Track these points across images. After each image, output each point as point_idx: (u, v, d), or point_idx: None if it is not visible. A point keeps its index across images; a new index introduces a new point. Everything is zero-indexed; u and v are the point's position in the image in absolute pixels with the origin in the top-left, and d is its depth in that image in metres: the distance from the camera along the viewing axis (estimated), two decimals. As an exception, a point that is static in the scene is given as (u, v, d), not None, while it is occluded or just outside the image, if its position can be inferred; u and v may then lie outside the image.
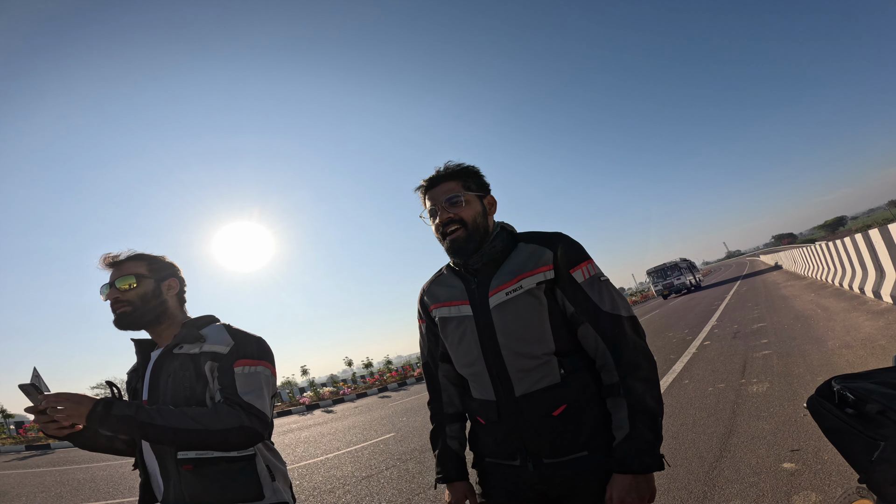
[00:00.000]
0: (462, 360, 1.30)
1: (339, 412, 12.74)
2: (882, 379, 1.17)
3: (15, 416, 17.08)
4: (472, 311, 1.25)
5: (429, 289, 1.41)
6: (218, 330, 1.32)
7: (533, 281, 1.19)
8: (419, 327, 1.47)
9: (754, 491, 2.57)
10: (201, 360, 1.26)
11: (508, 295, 1.20)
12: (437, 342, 1.40)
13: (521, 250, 1.25)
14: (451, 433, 1.39)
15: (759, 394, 4.38)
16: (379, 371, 20.79)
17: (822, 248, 13.24)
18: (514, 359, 1.19)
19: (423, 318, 1.44)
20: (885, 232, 7.06)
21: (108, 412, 1.12)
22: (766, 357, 5.85)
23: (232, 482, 1.23)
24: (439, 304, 1.34)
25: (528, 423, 1.18)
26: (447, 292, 1.32)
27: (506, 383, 1.20)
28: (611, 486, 1.11)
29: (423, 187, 1.32)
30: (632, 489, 1.08)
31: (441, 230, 1.27)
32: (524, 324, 1.19)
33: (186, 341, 1.29)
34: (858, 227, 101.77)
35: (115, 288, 1.32)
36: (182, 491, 1.21)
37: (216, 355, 1.26)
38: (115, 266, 1.36)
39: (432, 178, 1.30)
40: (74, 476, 7.84)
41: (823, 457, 2.74)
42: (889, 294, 6.95)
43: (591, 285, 1.20)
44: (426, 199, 1.32)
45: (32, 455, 11.73)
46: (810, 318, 7.74)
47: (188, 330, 1.31)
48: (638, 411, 1.11)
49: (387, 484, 4.41)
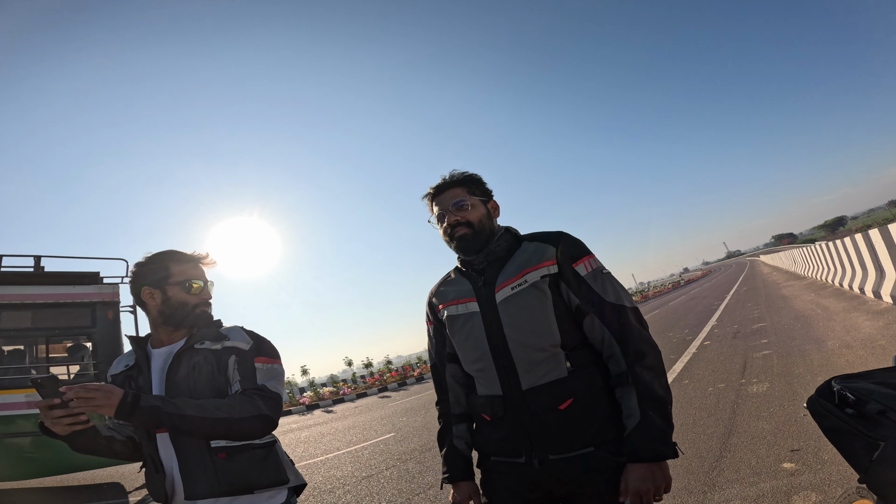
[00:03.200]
0: (469, 357, 1.32)
1: (339, 412, 12.73)
2: (882, 379, 1.17)
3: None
4: (479, 307, 1.29)
5: (437, 290, 1.46)
6: (237, 330, 1.42)
7: (537, 275, 1.23)
8: (427, 330, 1.50)
9: (754, 491, 2.57)
10: (224, 355, 1.35)
11: (514, 290, 1.24)
12: (444, 343, 1.43)
13: (525, 248, 1.30)
14: (457, 433, 1.40)
15: (759, 394, 4.38)
16: (379, 371, 20.80)
17: (822, 248, 13.25)
18: (522, 351, 1.21)
19: (431, 319, 1.47)
20: (885, 232, 7.07)
21: (137, 402, 1.15)
22: (766, 357, 5.86)
23: (262, 467, 1.31)
24: (447, 303, 1.38)
25: (534, 418, 1.19)
26: (455, 291, 1.38)
27: (513, 377, 1.22)
28: (625, 476, 1.11)
29: (431, 195, 1.40)
30: (646, 478, 1.09)
31: (449, 232, 1.35)
32: (530, 317, 1.21)
33: (209, 339, 1.37)
34: (858, 227, 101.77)
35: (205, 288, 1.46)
36: (217, 479, 1.26)
37: (239, 351, 1.36)
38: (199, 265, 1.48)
39: (439, 185, 1.39)
40: (74, 476, 7.83)
41: (823, 457, 2.74)
42: (889, 294, 6.95)
43: (594, 278, 1.24)
44: (434, 205, 1.40)
45: (32, 455, 11.71)
46: (810, 318, 7.75)
47: (210, 329, 1.40)
48: (647, 399, 1.13)
49: (387, 484, 4.42)
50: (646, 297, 46.93)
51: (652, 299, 40.84)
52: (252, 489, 1.29)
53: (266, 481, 1.31)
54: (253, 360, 1.35)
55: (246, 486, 1.28)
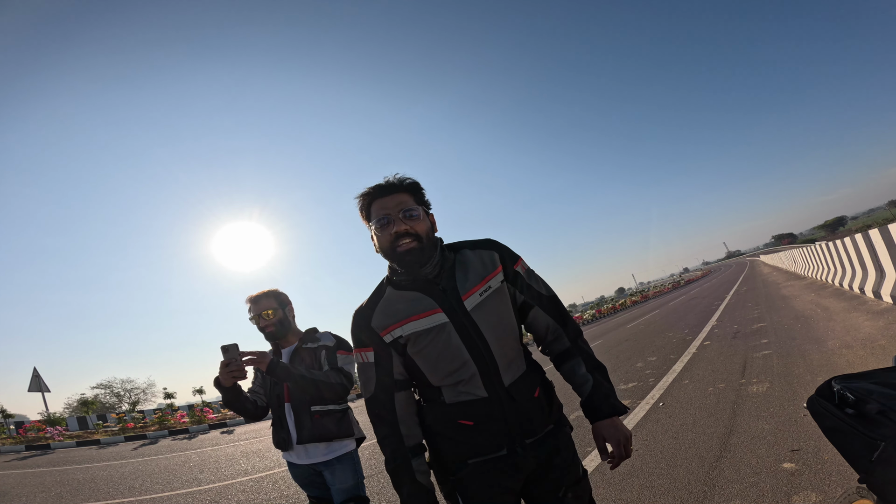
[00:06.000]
0: (446, 368, 1.27)
1: (339, 412, 12.73)
2: (882, 379, 1.17)
3: (15, 417, 17.07)
4: (449, 317, 1.26)
5: (378, 311, 1.32)
6: (327, 334, 2.29)
7: (497, 280, 1.33)
8: (359, 358, 1.35)
9: (754, 491, 2.57)
10: (318, 350, 2.22)
11: (482, 296, 1.30)
12: (390, 369, 1.31)
13: (469, 256, 1.35)
14: (417, 467, 1.28)
15: (759, 394, 4.38)
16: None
17: (822, 249, 13.25)
18: (501, 352, 1.29)
19: (369, 344, 1.32)
20: (885, 232, 7.06)
21: (278, 363, 1.97)
22: (766, 357, 5.85)
23: (339, 424, 2.15)
24: (405, 320, 1.28)
25: (518, 409, 1.28)
26: (410, 307, 1.28)
27: (496, 377, 1.27)
28: (599, 434, 1.31)
29: (370, 195, 1.30)
30: (615, 430, 1.29)
31: (392, 242, 1.26)
32: (500, 319, 1.31)
33: (309, 341, 2.25)
34: (858, 227, 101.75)
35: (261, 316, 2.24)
36: (313, 431, 2.10)
37: (327, 347, 2.23)
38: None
39: (384, 186, 1.29)
40: (74, 476, 7.85)
41: (823, 457, 2.74)
42: (889, 294, 6.95)
43: (530, 276, 1.41)
44: (373, 206, 1.30)
45: (32, 455, 11.73)
46: (810, 318, 7.74)
47: (309, 335, 2.28)
48: (593, 366, 1.36)
49: (387, 484, 4.40)
50: (646, 297, 46.87)
51: (652, 299, 40.82)
52: (333, 438, 2.11)
53: (342, 434, 2.14)
54: (336, 352, 2.20)
55: (330, 435, 2.11)
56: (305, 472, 2.18)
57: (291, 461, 2.21)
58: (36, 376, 16.48)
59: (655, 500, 2.76)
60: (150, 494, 5.90)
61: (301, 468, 2.19)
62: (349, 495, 2.11)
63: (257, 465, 6.79)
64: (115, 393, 35.71)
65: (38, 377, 16.50)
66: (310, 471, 2.18)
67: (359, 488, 2.15)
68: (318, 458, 2.13)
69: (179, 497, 5.55)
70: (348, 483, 2.12)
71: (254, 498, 4.96)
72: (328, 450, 2.13)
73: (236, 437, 11.32)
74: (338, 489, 2.11)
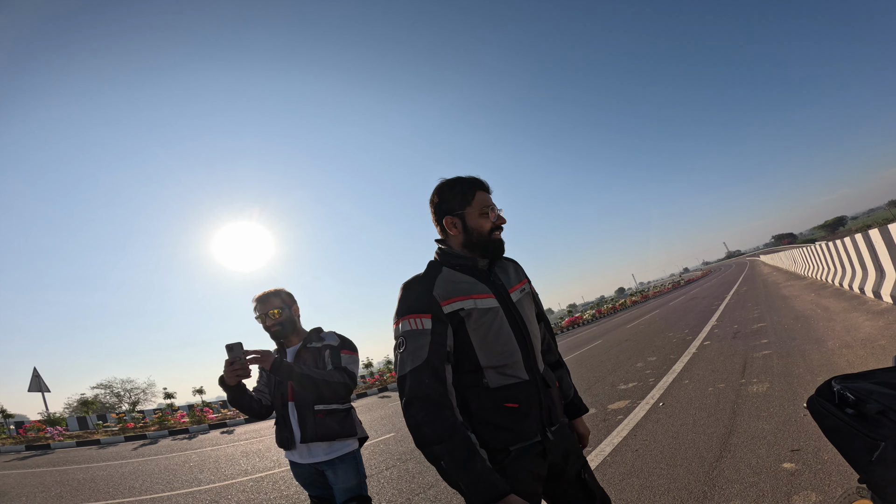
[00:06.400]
0: (497, 349, 1.35)
1: (339, 412, 12.73)
2: (882, 379, 1.17)
3: (15, 416, 17.06)
4: (500, 303, 1.41)
5: (439, 283, 1.35)
6: (331, 334, 2.31)
7: (528, 286, 1.58)
8: (417, 323, 1.30)
9: (754, 491, 2.57)
10: (322, 350, 2.24)
11: (522, 293, 1.51)
12: (445, 339, 1.29)
13: (504, 262, 1.56)
14: (476, 442, 1.22)
15: (759, 394, 4.38)
16: (379, 371, 20.79)
17: (822, 249, 13.25)
18: (536, 342, 1.47)
19: (428, 311, 1.30)
20: (885, 232, 7.06)
21: (282, 362, 2.02)
22: (766, 357, 5.86)
23: (343, 423, 2.16)
24: (465, 296, 1.33)
25: (551, 395, 1.44)
26: (471, 286, 1.38)
27: (533, 363, 1.42)
28: (578, 428, 1.64)
29: (479, 184, 1.49)
30: (585, 424, 1.69)
31: (492, 230, 1.45)
32: (533, 315, 1.54)
33: (314, 340, 2.27)
34: (858, 227, 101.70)
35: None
36: (317, 429, 2.10)
37: (331, 347, 2.24)
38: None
39: (486, 183, 1.51)
40: (74, 476, 7.85)
41: (823, 457, 2.75)
42: (889, 294, 6.95)
43: (537, 296, 1.66)
44: (477, 194, 1.46)
45: (32, 455, 11.74)
46: (810, 318, 7.74)
47: (314, 334, 2.30)
48: (569, 376, 1.70)
49: (387, 484, 4.42)
50: (646, 297, 46.86)
51: (652, 299, 40.82)
52: (336, 437, 2.12)
53: (344, 433, 2.15)
54: (340, 352, 2.23)
55: (333, 434, 2.12)
56: (308, 471, 2.18)
57: (294, 460, 2.21)
58: (36, 376, 16.48)
59: (655, 500, 2.77)
60: (150, 494, 5.91)
61: (303, 467, 2.18)
62: (351, 495, 2.11)
63: (257, 465, 6.79)
64: (115, 393, 35.70)
65: (38, 377, 16.50)
66: (312, 470, 2.17)
67: (361, 488, 2.15)
68: (320, 457, 2.13)
69: (179, 497, 5.56)
70: (351, 482, 2.12)
71: (254, 498, 4.96)
72: (330, 449, 2.14)
73: (236, 437, 11.31)
74: (340, 488, 2.11)
